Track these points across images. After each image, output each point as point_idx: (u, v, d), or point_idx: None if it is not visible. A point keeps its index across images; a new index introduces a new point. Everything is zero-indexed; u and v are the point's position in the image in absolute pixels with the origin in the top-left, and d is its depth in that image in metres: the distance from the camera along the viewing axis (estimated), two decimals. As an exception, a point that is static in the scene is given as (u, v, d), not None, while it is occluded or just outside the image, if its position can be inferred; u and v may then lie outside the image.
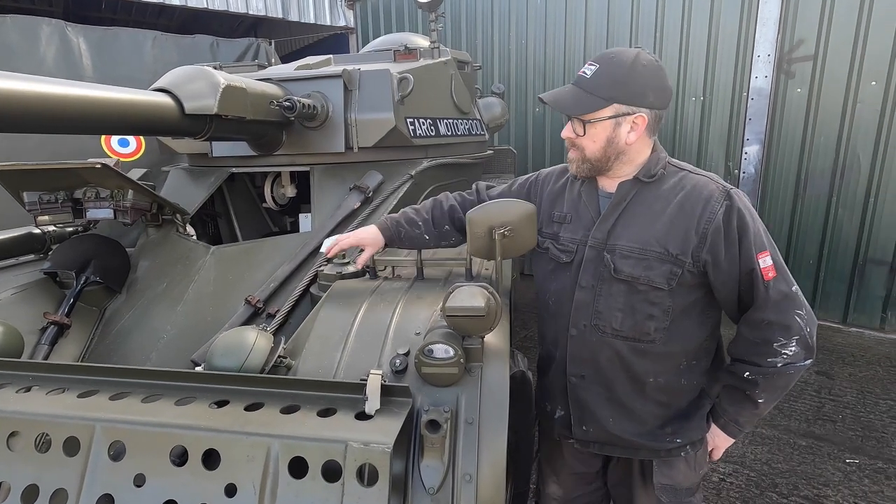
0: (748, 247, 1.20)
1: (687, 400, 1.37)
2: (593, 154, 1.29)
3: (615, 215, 1.31)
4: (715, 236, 1.21)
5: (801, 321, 1.21)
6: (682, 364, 1.33)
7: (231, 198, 2.76)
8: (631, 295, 1.27)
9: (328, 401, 1.07)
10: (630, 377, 1.33)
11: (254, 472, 0.97)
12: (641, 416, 1.35)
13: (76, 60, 4.67)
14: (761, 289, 1.21)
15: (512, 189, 1.59)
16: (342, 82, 2.19)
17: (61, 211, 1.98)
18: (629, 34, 4.97)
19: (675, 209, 1.25)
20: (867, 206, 4.05)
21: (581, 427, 1.41)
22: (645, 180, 1.30)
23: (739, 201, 1.23)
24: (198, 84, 1.70)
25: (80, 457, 1.03)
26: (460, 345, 1.12)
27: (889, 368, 3.60)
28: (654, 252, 1.25)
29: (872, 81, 3.87)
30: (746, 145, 4.51)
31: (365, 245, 1.58)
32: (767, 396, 1.28)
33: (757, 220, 1.24)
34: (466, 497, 1.03)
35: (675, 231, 1.24)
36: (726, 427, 1.36)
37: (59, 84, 1.34)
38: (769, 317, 1.21)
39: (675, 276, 1.24)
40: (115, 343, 1.90)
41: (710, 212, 1.22)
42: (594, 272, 1.31)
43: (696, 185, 1.26)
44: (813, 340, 1.24)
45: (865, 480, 2.50)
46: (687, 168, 1.33)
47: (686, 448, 1.36)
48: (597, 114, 1.24)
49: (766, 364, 1.24)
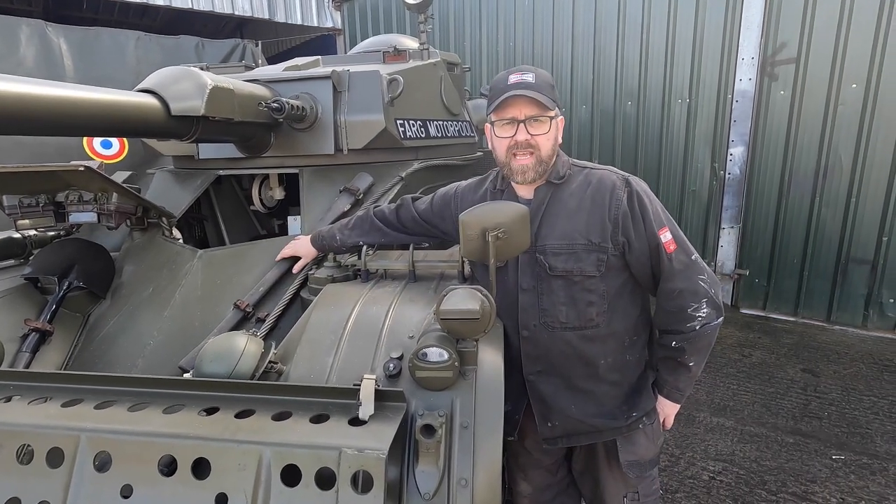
0: (650, 224, 1.36)
1: (635, 374, 1.50)
2: (547, 154, 1.39)
3: (538, 219, 1.41)
4: (625, 220, 1.36)
5: (706, 285, 1.37)
6: (626, 341, 1.46)
7: (218, 200, 2.71)
8: (569, 287, 1.39)
9: (321, 406, 1.05)
10: (583, 363, 1.44)
11: (245, 481, 0.95)
12: (599, 398, 1.46)
13: (57, 61, 4.59)
14: (666, 261, 1.36)
15: (433, 202, 1.68)
16: (331, 83, 2.17)
17: (43, 215, 1.92)
18: (615, 37, 5.02)
19: (588, 203, 1.39)
20: (849, 205, 4.14)
21: (546, 424, 1.48)
22: (556, 182, 1.43)
23: (637, 185, 1.39)
24: (184, 85, 1.66)
25: (64, 468, 1.00)
26: (454, 348, 1.11)
27: (872, 365, 3.67)
28: (580, 244, 1.37)
29: (853, 84, 3.95)
30: (731, 147, 4.58)
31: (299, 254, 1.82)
32: (696, 359, 1.43)
33: (654, 200, 1.40)
34: (462, 502, 1.02)
35: (592, 222, 1.37)
36: (670, 395, 1.50)
37: (40, 84, 1.30)
38: (678, 285, 1.37)
39: (602, 262, 1.37)
40: (99, 350, 1.85)
41: (616, 199, 1.37)
42: (532, 273, 1.42)
43: (601, 179, 1.41)
44: (719, 300, 1.39)
45: (851, 476, 2.54)
46: (587, 165, 1.47)
47: (642, 420, 1.47)
48: (551, 112, 1.36)
49: (687, 329, 1.38)
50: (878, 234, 4.05)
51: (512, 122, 1.36)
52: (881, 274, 4.10)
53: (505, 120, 1.37)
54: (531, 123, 1.35)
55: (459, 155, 3.00)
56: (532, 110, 1.34)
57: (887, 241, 4.02)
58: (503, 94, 1.34)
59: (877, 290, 4.15)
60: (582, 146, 5.40)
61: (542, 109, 1.35)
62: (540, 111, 1.35)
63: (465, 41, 5.97)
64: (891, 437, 2.84)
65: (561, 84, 5.38)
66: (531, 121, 1.35)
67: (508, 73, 1.38)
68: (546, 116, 1.36)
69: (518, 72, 1.36)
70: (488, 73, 5.86)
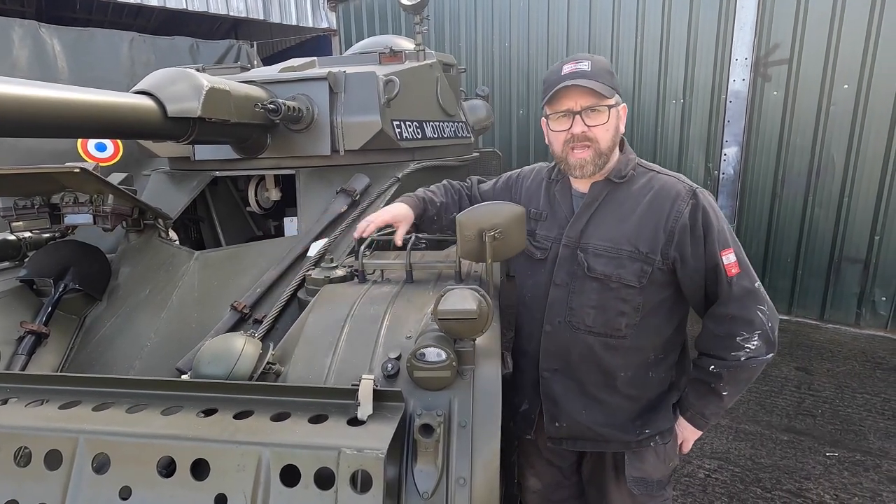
0: (712, 244, 1.26)
1: (655, 392, 1.41)
2: (607, 146, 1.29)
3: (587, 215, 1.35)
4: (682, 234, 1.27)
5: (763, 316, 1.27)
6: (651, 358, 1.37)
7: (214, 202, 2.71)
8: (603, 292, 1.32)
9: (319, 407, 1.05)
10: (601, 371, 1.37)
11: (244, 482, 0.95)
12: (612, 409, 1.39)
13: (50, 62, 4.56)
14: (725, 284, 1.26)
15: (496, 185, 1.63)
16: (327, 85, 2.18)
17: (38, 216, 1.92)
18: (610, 38, 5.04)
19: (645, 208, 1.30)
20: (842, 205, 4.17)
21: (553, 423, 1.43)
22: (616, 181, 1.34)
23: (704, 200, 1.28)
24: (181, 86, 1.66)
25: (62, 470, 0.99)
26: (452, 348, 1.11)
27: (865, 363, 3.70)
28: (626, 251, 1.29)
29: (845, 84, 3.99)
30: (725, 147, 4.61)
31: (398, 222, 1.58)
32: (731, 389, 1.33)
33: (721, 218, 1.30)
34: (461, 501, 1.02)
35: (644, 230, 1.29)
36: (693, 419, 1.41)
37: (37, 86, 1.30)
38: (732, 311, 1.27)
39: (645, 274, 1.29)
40: (96, 352, 1.85)
41: (676, 210, 1.27)
42: (568, 270, 1.36)
43: (665, 185, 1.31)
44: (774, 335, 1.29)
45: (845, 473, 2.56)
46: (655, 169, 1.37)
47: (655, 438, 1.40)
48: (610, 100, 1.26)
49: (730, 358, 1.28)
50: (871, 232, 4.09)
51: (567, 114, 1.28)
52: (873, 272, 4.14)
53: (560, 112, 1.29)
54: (588, 114, 1.27)
55: (456, 156, 3.01)
56: (588, 100, 1.26)
57: (879, 240, 4.06)
58: (556, 85, 1.26)
59: (869, 289, 4.19)
60: (577, 146, 5.42)
61: (599, 98, 1.25)
62: (597, 100, 1.26)
63: (460, 42, 5.98)
64: (883, 433, 2.87)
65: (556, 85, 5.40)
66: (588, 111, 1.26)
67: (563, 63, 1.30)
68: (604, 106, 1.26)
69: (573, 61, 1.28)
70: (484, 74, 5.87)
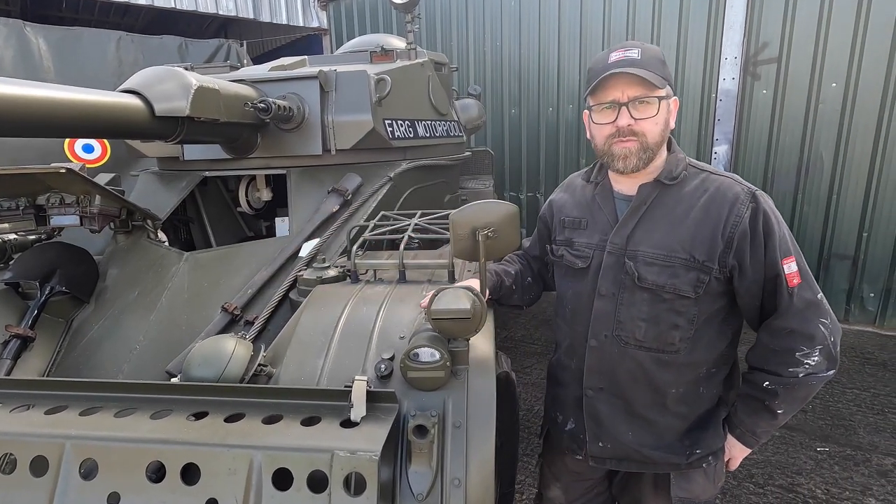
0: (773, 251, 1.15)
1: (705, 409, 1.31)
2: (654, 140, 1.19)
3: (635, 220, 1.25)
4: (741, 240, 1.16)
5: (826, 330, 1.15)
6: (702, 373, 1.27)
7: (204, 202, 2.68)
8: (655, 304, 1.21)
9: (312, 409, 1.05)
10: (651, 389, 1.27)
11: (236, 486, 0.94)
12: (661, 430, 1.29)
13: (36, 62, 4.49)
14: (785, 295, 1.15)
15: (537, 230, 1.55)
16: (318, 84, 2.16)
17: (23, 218, 1.89)
18: (601, 37, 5.05)
19: (700, 213, 1.19)
20: (830, 202, 4.22)
21: (597, 443, 1.34)
22: (667, 182, 1.23)
23: (765, 203, 1.17)
24: (169, 85, 1.64)
25: (48, 477, 0.98)
26: (446, 348, 1.11)
27: (854, 359, 3.74)
28: (680, 259, 1.19)
29: (833, 83, 4.03)
30: (716, 145, 4.64)
31: None
32: (787, 407, 1.21)
33: (782, 223, 1.19)
34: (456, 502, 1.02)
35: (700, 236, 1.18)
36: (742, 437, 1.30)
37: (22, 85, 1.28)
38: (792, 325, 1.16)
39: (702, 284, 1.18)
40: (83, 355, 1.82)
41: (736, 215, 1.16)
42: (614, 279, 1.25)
43: (721, 187, 1.20)
44: (836, 350, 1.18)
45: (836, 468, 2.59)
46: (708, 169, 1.27)
47: (707, 458, 1.29)
48: (661, 91, 1.15)
49: (787, 374, 1.17)
50: (859, 229, 4.13)
51: (613, 105, 1.17)
52: (862, 269, 4.18)
53: (605, 104, 1.18)
54: (635, 106, 1.15)
55: (448, 155, 3.00)
56: (637, 90, 1.14)
57: (867, 237, 4.11)
58: (602, 73, 1.15)
59: (858, 285, 4.24)
60: (569, 146, 5.43)
61: (649, 89, 1.14)
62: (646, 91, 1.14)
63: (452, 41, 5.97)
64: (873, 428, 2.90)
65: (548, 84, 5.41)
66: (635, 102, 1.15)
67: (610, 51, 1.18)
68: (654, 97, 1.15)
69: (621, 48, 1.17)
70: (475, 73, 5.87)
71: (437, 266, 1.59)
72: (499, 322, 4.57)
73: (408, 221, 1.81)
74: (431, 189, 2.74)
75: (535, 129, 5.57)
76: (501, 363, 1.68)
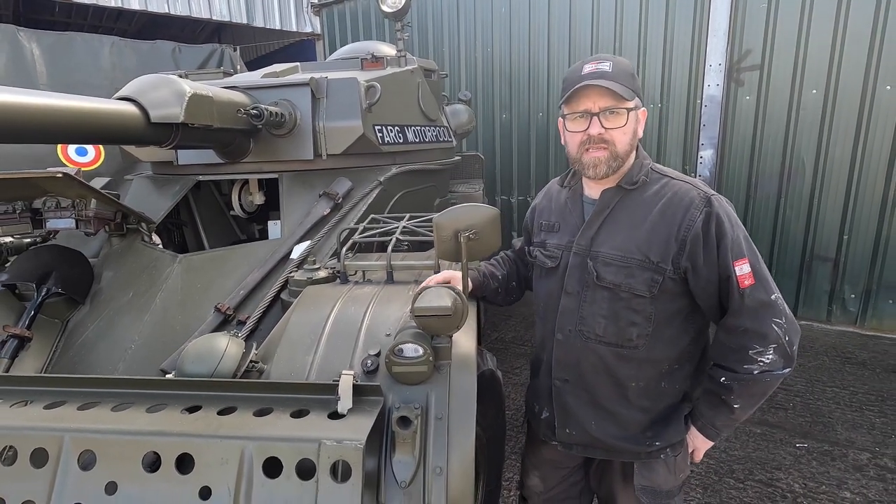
0: (725, 253, 1.20)
1: (667, 403, 1.36)
2: (623, 148, 1.26)
3: (598, 222, 1.32)
4: (694, 243, 1.21)
5: (780, 329, 1.20)
6: (664, 369, 1.33)
7: (197, 206, 2.72)
8: (614, 302, 1.29)
9: (301, 402, 1.09)
10: (613, 382, 1.34)
11: (228, 475, 0.98)
12: (623, 421, 1.35)
13: (29, 67, 4.51)
14: (736, 296, 1.21)
15: (524, 230, 1.65)
16: (310, 90, 2.22)
17: (19, 221, 1.93)
18: (590, 43, 5.15)
19: (657, 216, 1.25)
20: (812, 205, 4.32)
21: (564, 430, 1.43)
22: (627, 188, 1.30)
23: (719, 207, 1.22)
24: (163, 92, 1.69)
25: (48, 468, 1.02)
26: (429, 344, 1.16)
27: (835, 358, 3.83)
28: (636, 259, 1.25)
29: (813, 90, 4.14)
30: (701, 150, 4.74)
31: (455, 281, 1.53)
32: (743, 403, 1.27)
33: (737, 226, 1.24)
34: (437, 489, 1.07)
35: (655, 238, 1.24)
36: (704, 430, 1.36)
37: (19, 93, 1.32)
38: (745, 324, 1.21)
39: (656, 284, 1.25)
40: (79, 355, 1.86)
41: (689, 219, 1.22)
42: (579, 278, 1.33)
43: (678, 192, 1.26)
44: (793, 349, 1.22)
45: (814, 463, 2.66)
46: (670, 174, 1.33)
47: (665, 451, 1.36)
48: (629, 103, 1.23)
49: (742, 371, 1.23)
50: (840, 232, 4.24)
51: (585, 114, 1.25)
52: (843, 271, 4.28)
53: (577, 113, 1.26)
54: (606, 116, 1.23)
55: (437, 159, 3.06)
56: (607, 101, 1.22)
57: (848, 239, 4.21)
58: (575, 84, 1.23)
59: (839, 287, 4.34)
60: (559, 150, 5.51)
61: (619, 100, 1.22)
62: (616, 102, 1.22)
63: (443, 47, 6.04)
64: (850, 425, 2.98)
65: (537, 89, 5.49)
66: (606, 113, 1.23)
67: (583, 63, 1.26)
68: (623, 108, 1.23)
69: (594, 61, 1.25)
70: (466, 79, 5.94)
71: (423, 267, 1.65)
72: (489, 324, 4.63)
73: (396, 224, 1.87)
74: (421, 193, 2.80)
75: (525, 133, 5.65)
76: (487, 361, 1.74)
